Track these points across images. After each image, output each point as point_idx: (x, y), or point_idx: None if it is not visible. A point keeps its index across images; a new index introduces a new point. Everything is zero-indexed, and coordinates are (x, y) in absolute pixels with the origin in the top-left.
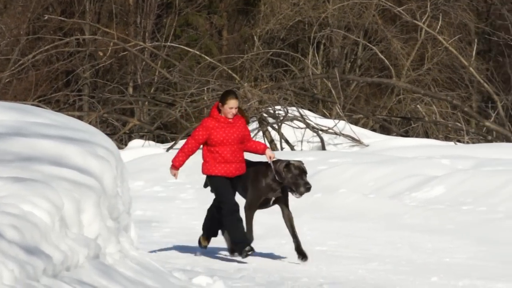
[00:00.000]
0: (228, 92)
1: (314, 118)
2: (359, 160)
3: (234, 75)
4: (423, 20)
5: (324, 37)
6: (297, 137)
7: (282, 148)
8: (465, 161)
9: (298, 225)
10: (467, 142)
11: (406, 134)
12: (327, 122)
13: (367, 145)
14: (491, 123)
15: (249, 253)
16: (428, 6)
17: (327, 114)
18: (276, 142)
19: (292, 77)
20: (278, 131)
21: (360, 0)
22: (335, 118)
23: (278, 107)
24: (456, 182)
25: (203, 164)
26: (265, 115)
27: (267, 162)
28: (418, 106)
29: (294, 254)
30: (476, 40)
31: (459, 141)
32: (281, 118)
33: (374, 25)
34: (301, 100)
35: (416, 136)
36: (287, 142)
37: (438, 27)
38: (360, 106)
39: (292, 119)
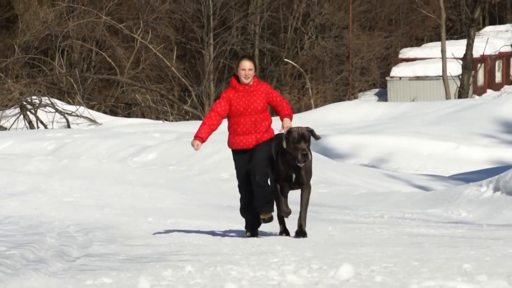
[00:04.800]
0: (242, 55)
1: (61, 104)
2: (95, 135)
3: (0, 74)
4: (138, 33)
5: (67, 45)
6: (49, 119)
7: (38, 127)
8: (170, 134)
9: (51, 183)
10: (172, 121)
11: (128, 116)
12: (71, 108)
13: (101, 124)
14: (188, 107)
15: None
16: (141, 23)
17: (71, 101)
18: (34, 123)
19: (44, 75)
20: (35, 115)
21: (92, 19)
22: (77, 105)
23: (34, 97)
24: (164, 149)
25: (227, 137)
26: (24, 103)
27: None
28: (136, 95)
29: (50, 204)
30: (175, 47)
31: (166, 120)
32: (37, 105)
33: (103, 36)
34: (51, 92)
35: (136, 117)
36: (42, 122)
37: (149, 38)
38: (95, 95)
39: (45, 105)
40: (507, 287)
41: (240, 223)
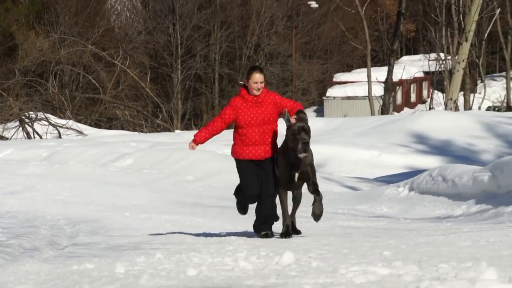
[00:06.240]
0: (253, 67)
1: (54, 118)
2: (82, 144)
3: (3, 93)
4: (118, 59)
5: (59, 70)
6: (43, 130)
7: (34, 137)
8: (144, 143)
9: (44, 184)
10: (146, 132)
11: (110, 128)
12: (62, 121)
13: (87, 135)
14: (159, 121)
15: (265, 237)
16: (121, 51)
17: (62, 116)
18: (30, 134)
19: (40, 94)
20: (32, 127)
21: (80, 48)
22: (67, 119)
23: (31, 112)
24: (139, 156)
25: (232, 147)
26: (23, 117)
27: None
28: (116, 111)
29: (43, 201)
30: (149, 72)
31: (141, 131)
32: (33, 119)
33: (89, 62)
34: (45, 108)
35: (116, 129)
36: (37, 133)
37: (127, 63)
38: (82, 111)
39: (40, 119)
40: (417, 270)
41: (202, 217)
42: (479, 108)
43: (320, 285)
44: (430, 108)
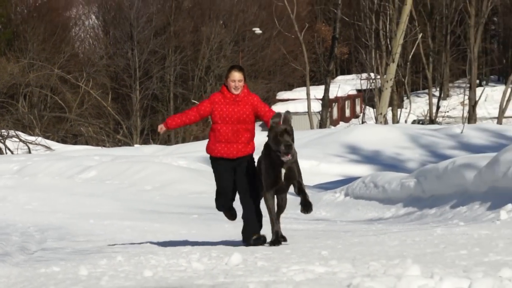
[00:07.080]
0: (232, 66)
1: (24, 135)
2: (50, 158)
3: None
4: (82, 81)
5: (28, 91)
6: (15, 146)
7: (6, 153)
8: (106, 157)
9: (15, 195)
10: (108, 147)
11: (75, 143)
12: (32, 138)
13: (54, 150)
14: (120, 136)
15: (257, 242)
16: (84, 74)
17: (32, 133)
18: (3, 150)
19: (11, 114)
20: (4, 143)
21: (47, 72)
22: (36, 136)
23: (3, 130)
24: (102, 168)
25: (207, 143)
26: None
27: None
28: (81, 128)
29: (15, 211)
30: (110, 92)
31: (104, 146)
32: (5, 136)
33: (56, 84)
34: (16, 126)
35: (81, 144)
36: (9, 149)
37: (90, 85)
38: (49, 128)
39: (12, 136)
40: (351, 268)
41: (159, 222)
42: (406, 121)
43: (263, 283)
44: (362, 122)
